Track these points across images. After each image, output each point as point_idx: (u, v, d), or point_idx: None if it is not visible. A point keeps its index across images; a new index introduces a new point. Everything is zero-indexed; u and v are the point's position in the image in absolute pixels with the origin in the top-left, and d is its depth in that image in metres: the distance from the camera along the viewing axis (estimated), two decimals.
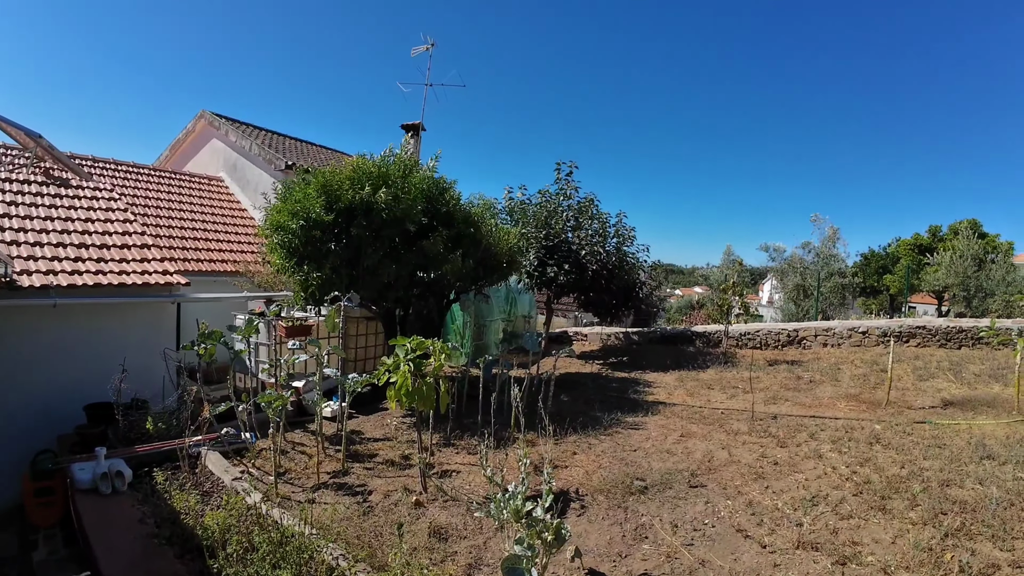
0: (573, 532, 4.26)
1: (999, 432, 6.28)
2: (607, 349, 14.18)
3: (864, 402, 7.75)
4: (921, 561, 3.55)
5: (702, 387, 9.04)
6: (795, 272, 19.09)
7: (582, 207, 12.22)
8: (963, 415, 7.00)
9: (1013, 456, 5.38)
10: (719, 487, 4.89)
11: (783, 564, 3.62)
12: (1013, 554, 3.65)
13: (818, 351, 12.24)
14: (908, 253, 31.35)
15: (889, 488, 4.66)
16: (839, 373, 9.66)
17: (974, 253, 18.43)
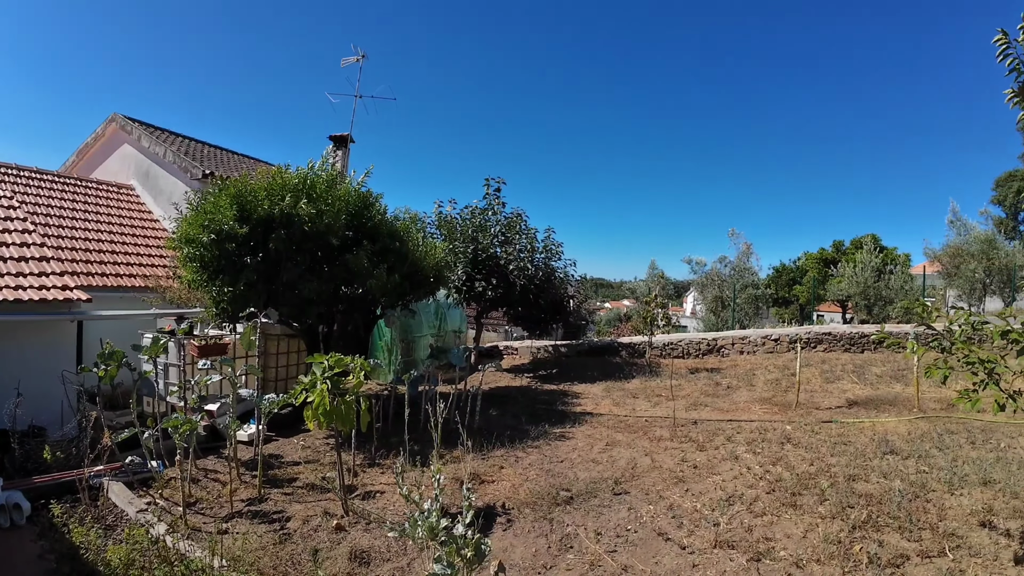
0: (499, 546, 4.23)
1: (901, 429, 6.76)
2: (537, 362, 14.29)
3: (777, 405, 8.16)
4: (831, 554, 3.74)
5: (628, 396, 9.24)
6: (714, 285, 19.99)
7: (510, 222, 12.36)
8: (867, 414, 7.50)
9: (915, 451, 5.79)
10: (642, 493, 4.99)
11: (701, 564, 3.71)
12: (920, 544, 3.86)
13: (735, 358, 12.81)
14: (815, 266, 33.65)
15: (799, 485, 4.91)
16: (754, 378, 10.14)
17: (874, 265, 19.92)
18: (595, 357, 14.07)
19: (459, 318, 14.21)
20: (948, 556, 3.67)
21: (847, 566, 3.56)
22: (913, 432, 6.42)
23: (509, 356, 15.47)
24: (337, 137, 13.28)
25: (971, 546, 3.80)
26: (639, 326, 16.68)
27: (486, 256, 11.63)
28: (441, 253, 8.86)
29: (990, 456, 5.57)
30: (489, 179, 12.66)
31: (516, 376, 12.19)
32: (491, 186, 12.65)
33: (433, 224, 12.35)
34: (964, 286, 19.61)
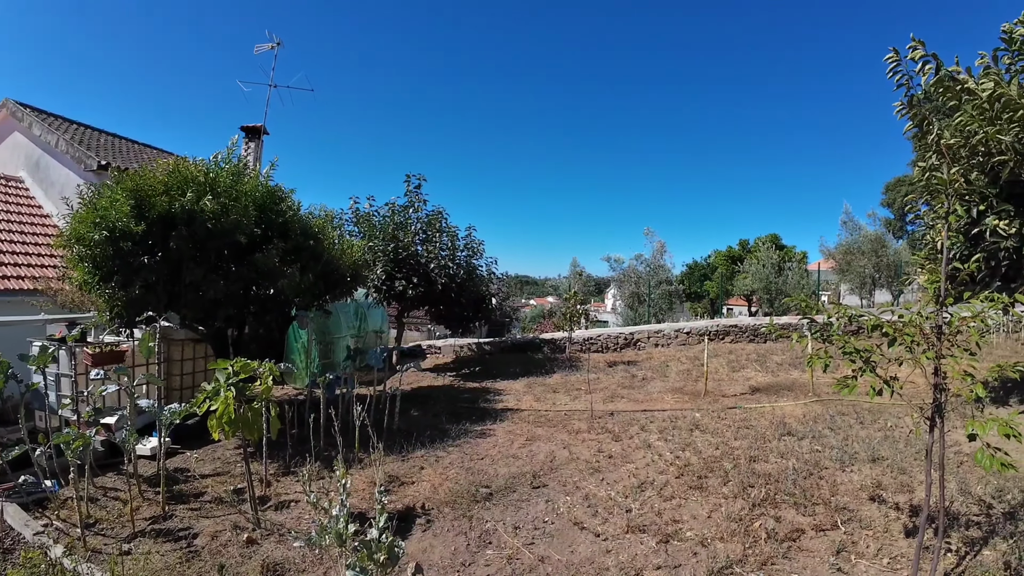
0: (418, 547, 4.19)
1: (797, 412, 7.25)
2: (460, 360, 14.25)
3: (687, 394, 8.55)
4: (733, 531, 3.96)
5: (548, 391, 9.39)
6: (630, 281, 20.74)
7: (431, 220, 12.26)
8: (768, 399, 7.99)
9: (809, 431, 6.23)
10: (559, 485, 5.08)
11: (614, 549, 3.83)
12: (814, 518, 4.16)
13: (651, 351, 13.31)
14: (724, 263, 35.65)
15: (706, 468, 5.17)
16: (667, 370, 10.58)
17: (775, 262, 21.56)
18: (518, 354, 14.20)
19: (380, 318, 13.94)
20: (840, 529, 3.98)
21: (747, 542, 3.79)
22: (808, 415, 6.92)
23: (432, 355, 15.34)
24: (250, 128, 12.67)
25: (862, 519, 4.13)
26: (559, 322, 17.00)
27: (407, 254, 11.48)
28: (359, 251, 8.65)
29: (878, 435, 6.08)
30: (410, 175, 12.52)
31: (439, 375, 12.11)
32: (411, 183, 12.50)
33: (351, 221, 12.05)
34: (855, 281, 21.44)
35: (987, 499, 4.54)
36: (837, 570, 3.45)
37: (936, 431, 2.92)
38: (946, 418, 6.73)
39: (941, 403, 2.86)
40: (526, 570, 3.71)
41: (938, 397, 2.85)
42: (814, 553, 3.66)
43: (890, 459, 5.22)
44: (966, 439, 2.69)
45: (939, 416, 2.89)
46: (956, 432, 6.50)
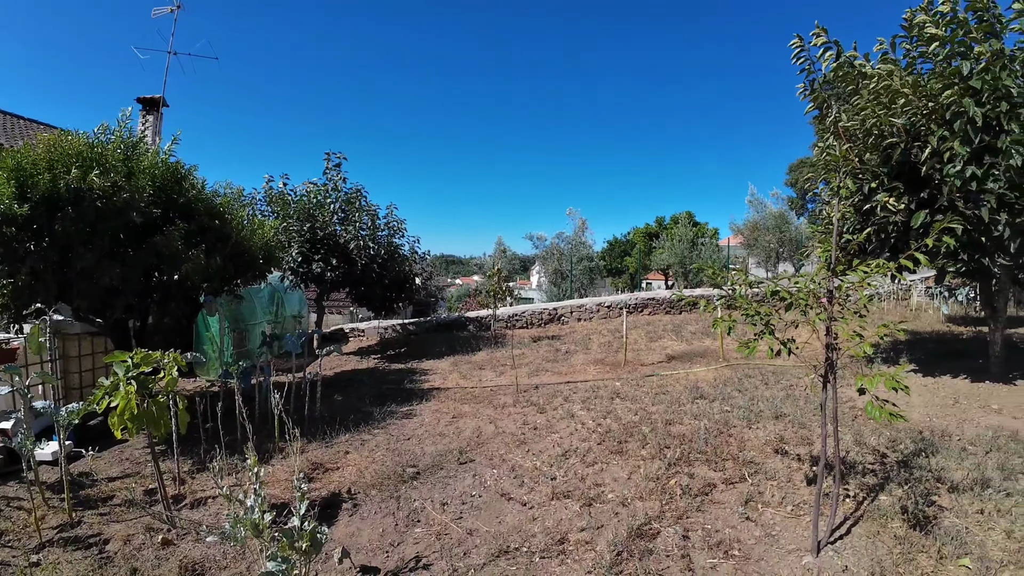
0: (345, 532, 4.12)
1: (709, 376, 7.66)
2: (385, 342, 14.03)
3: (608, 364, 8.84)
4: (651, 490, 4.15)
5: (474, 369, 9.43)
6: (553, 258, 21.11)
7: (350, 199, 11.87)
8: (683, 366, 8.40)
9: (719, 394, 6.60)
10: (486, 459, 5.14)
11: (540, 516, 3.93)
12: (724, 473, 4.45)
13: (574, 325, 13.63)
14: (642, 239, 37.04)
15: (625, 433, 5.38)
16: (589, 342, 10.88)
17: (689, 238, 22.79)
18: (444, 333, 14.16)
19: (298, 302, 13.46)
20: (748, 481, 4.26)
21: (664, 499, 3.99)
22: (719, 378, 7.34)
23: (356, 338, 15.01)
24: (147, 100, 11.74)
25: (767, 471, 4.44)
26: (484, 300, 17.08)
27: (325, 234, 11.09)
28: (271, 232, 8.26)
29: (781, 394, 6.53)
30: (330, 153, 12.04)
31: (363, 358, 11.88)
32: (331, 161, 12.04)
33: (264, 201, 11.48)
34: (761, 255, 22.97)
35: (881, 449, 4.99)
36: (746, 519, 3.71)
37: (829, 387, 3.16)
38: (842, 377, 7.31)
39: (833, 361, 3.09)
40: (454, 544, 3.74)
41: (830, 356, 3.08)
42: (725, 504, 3.91)
43: (791, 415, 5.63)
44: (861, 395, 2.93)
45: (831, 373, 3.12)
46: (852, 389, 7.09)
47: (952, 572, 3.13)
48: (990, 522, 3.67)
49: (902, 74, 6.72)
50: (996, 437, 5.21)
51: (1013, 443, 5.05)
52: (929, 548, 3.33)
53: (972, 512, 3.80)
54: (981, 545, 3.39)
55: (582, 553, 3.41)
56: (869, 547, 3.35)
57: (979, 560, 3.20)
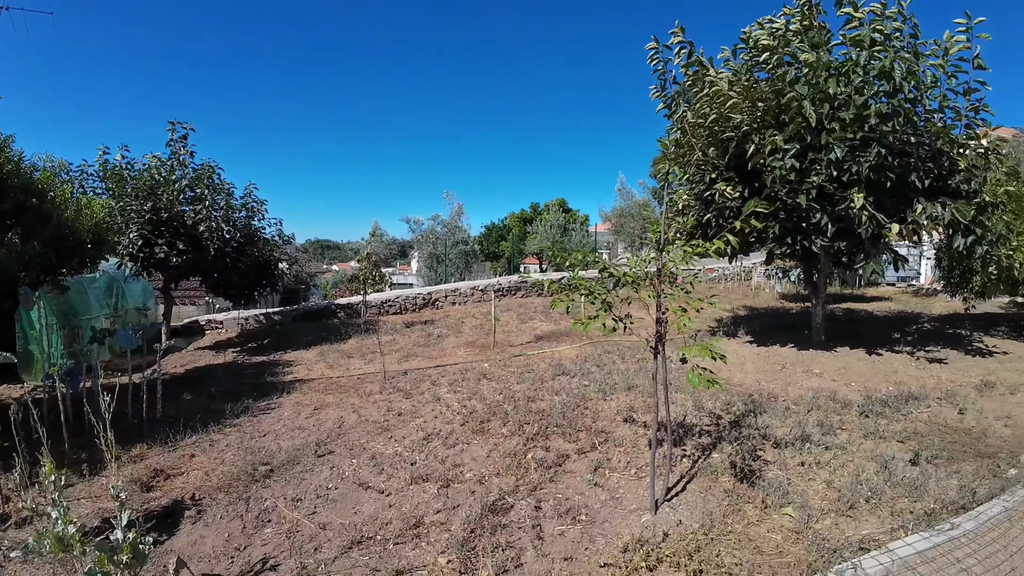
0: (187, 541, 3.79)
1: (572, 354, 7.96)
2: (246, 334, 13.12)
3: (479, 347, 8.92)
4: (508, 466, 4.23)
5: (342, 357, 9.09)
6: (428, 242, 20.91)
7: (200, 175, 10.76)
8: (549, 345, 8.67)
9: (580, 370, 6.88)
10: (346, 449, 4.96)
11: (397, 502, 3.86)
12: (578, 444, 4.65)
13: (448, 310, 13.60)
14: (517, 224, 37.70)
15: (489, 413, 5.45)
16: (462, 326, 10.91)
17: (561, 223, 23.79)
18: (312, 322, 13.52)
19: (142, 293, 12.16)
20: (599, 450, 4.48)
21: (520, 473, 4.09)
22: (580, 355, 7.66)
23: (213, 331, 13.90)
24: None
25: (616, 439, 4.69)
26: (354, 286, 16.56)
27: (169, 215, 10.00)
28: (101, 211, 7.35)
29: (635, 367, 6.93)
30: (175, 123, 10.77)
31: (220, 352, 11.01)
32: (177, 131, 10.82)
33: (98, 176, 10.12)
34: (627, 240, 24.57)
35: (717, 412, 5.45)
36: (594, 484, 3.90)
37: (660, 357, 3.37)
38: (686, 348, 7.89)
39: (662, 334, 3.30)
40: (306, 540, 3.57)
41: (660, 329, 3.29)
42: (576, 473, 4.09)
43: (641, 386, 6.01)
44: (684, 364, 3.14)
45: (661, 345, 3.33)
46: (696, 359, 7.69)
47: (776, 520, 3.48)
48: (811, 473, 4.14)
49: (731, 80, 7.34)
50: (816, 398, 5.90)
51: (831, 402, 5.75)
52: (755, 499, 3.68)
53: (794, 465, 4.27)
54: (803, 494, 3.80)
55: (437, 534, 3.39)
56: (701, 501, 3.65)
57: (801, 508, 3.58)
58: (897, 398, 5.84)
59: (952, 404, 5.73)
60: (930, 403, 5.80)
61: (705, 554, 3.02)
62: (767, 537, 3.27)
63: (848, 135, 6.58)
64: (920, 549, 3.19)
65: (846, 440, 4.76)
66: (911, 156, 6.78)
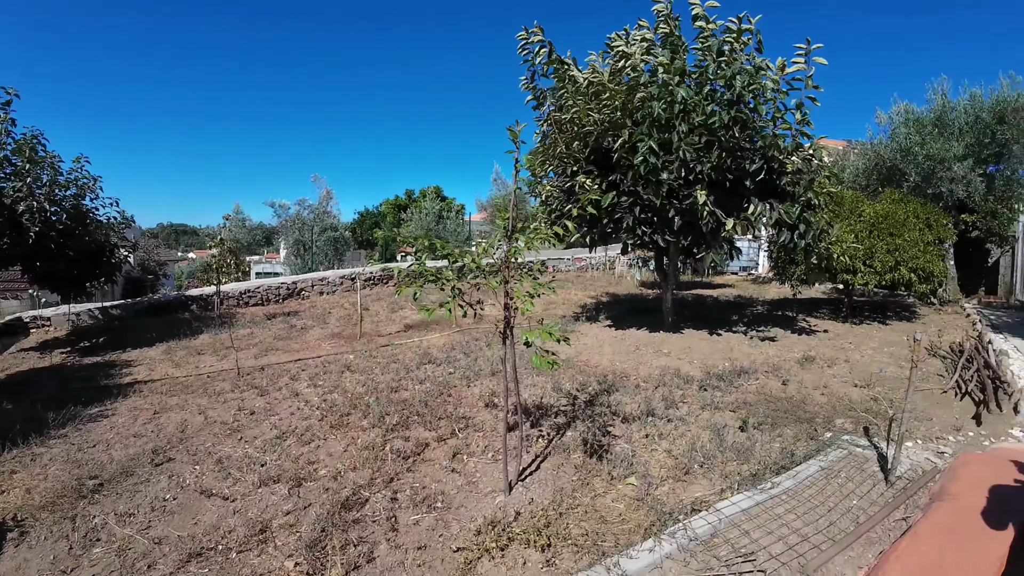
0: (10, 566, 3.34)
1: (441, 342, 7.96)
2: (80, 332, 11.66)
3: (345, 338, 8.65)
4: (365, 459, 4.15)
5: (192, 355, 8.39)
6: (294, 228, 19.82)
7: (20, 147, 9.26)
8: (419, 334, 8.61)
9: (447, 358, 6.90)
10: (189, 455, 4.60)
11: (243, 508, 3.65)
12: (438, 432, 4.67)
13: (315, 300, 13.03)
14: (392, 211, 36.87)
15: (350, 406, 5.31)
16: (329, 317, 10.52)
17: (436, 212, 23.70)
18: (160, 316, 12.31)
19: None
20: (459, 436, 4.54)
21: (377, 466, 4.03)
22: (449, 343, 7.69)
23: (40, 329, 12.20)
24: None
25: (477, 424, 4.78)
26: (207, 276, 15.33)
27: None
28: None
29: (500, 354, 7.05)
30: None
31: (46, 354, 9.70)
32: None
33: None
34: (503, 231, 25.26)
35: (574, 392, 5.72)
36: (452, 471, 3.95)
37: (509, 342, 3.48)
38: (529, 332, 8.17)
39: (510, 319, 3.40)
40: (139, 557, 3.28)
41: (508, 315, 3.38)
42: (434, 461, 4.12)
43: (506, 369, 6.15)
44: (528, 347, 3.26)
45: (509, 330, 3.44)
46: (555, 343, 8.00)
47: (621, 490, 3.74)
48: (653, 444, 4.48)
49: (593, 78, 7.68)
50: (663, 375, 6.39)
51: (676, 379, 6.26)
52: (602, 472, 3.93)
53: (639, 438, 4.59)
54: (646, 464, 4.11)
55: (285, 538, 3.25)
56: (553, 478, 3.83)
57: (643, 477, 3.86)
58: (732, 372, 6.49)
59: (778, 376, 6.47)
60: (759, 376, 6.50)
61: (554, 529, 3.18)
62: (611, 507, 3.50)
63: (695, 138, 7.13)
64: (744, 508, 3.51)
65: (686, 412, 5.21)
66: (747, 160, 7.49)
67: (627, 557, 2.89)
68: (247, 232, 27.53)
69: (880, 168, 14.55)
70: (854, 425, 5.05)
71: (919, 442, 4.73)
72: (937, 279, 10.13)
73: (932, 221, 10.58)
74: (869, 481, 3.95)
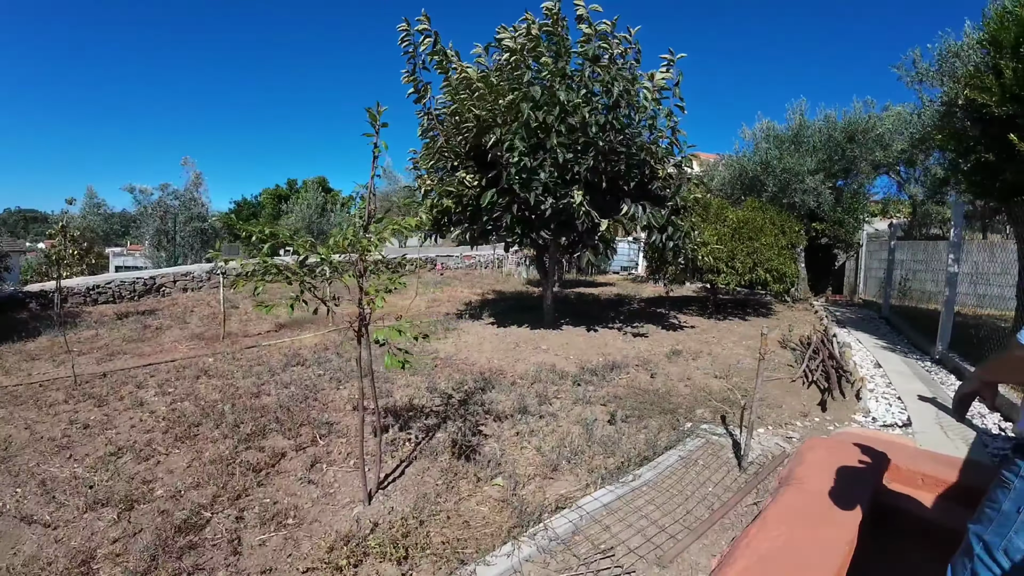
0: None
1: (314, 342, 7.56)
2: None
3: (207, 339, 7.98)
4: (212, 474, 3.78)
5: (25, 360, 7.35)
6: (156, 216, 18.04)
7: None
8: (291, 333, 8.12)
9: (317, 359, 6.54)
10: (10, 477, 3.97)
11: (66, 536, 3.20)
12: (298, 439, 4.36)
13: (178, 297, 11.97)
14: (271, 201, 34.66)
15: (202, 415, 4.86)
16: (191, 316, 9.69)
17: (319, 204, 22.67)
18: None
19: None
20: (320, 443, 4.28)
21: (223, 481, 3.69)
22: (322, 343, 7.33)
23: None
24: None
25: (341, 430, 4.54)
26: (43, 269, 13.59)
27: None
28: None
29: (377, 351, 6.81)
30: None
31: None
32: None
33: None
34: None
35: (449, 391, 5.63)
36: (308, 482, 3.70)
37: (364, 340, 3.33)
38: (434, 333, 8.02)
39: (365, 315, 3.25)
40: None
41: (362, 311, 3.23)
42: (290, 473, 3.84)
43: (379, 370, 5.94)
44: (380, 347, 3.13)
45: (365, 328, 3.29)
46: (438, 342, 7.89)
47: (487, 492, 3.68)
48: (524, 442, 4.48)
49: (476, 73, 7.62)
50: (539, 371, 6.47)
51: (552, 374, 6.35)
52: (469, 474, 3.86)
53: (510, 436, 4.58)
54: (514, 463, 4.08)
55: (110, 569, 2.88)
56: (417, 484, 3.71)
57: (510, 477, 3.83)
58: (605, 367, 6.71)
59: (647, 370, 6.77)
60: (630, 370, 6.77)
61: (413, 539, 3.06)
62: (476, 510, 3.45)
63: (571, 140, 7.28)
64: (606, 502, 3.54)
65: (559, 407, 5.29)
66: (622, 164, 7.76)
67: (484, 564, 2.84)
68: (103, 220, 24.72)
69: (744, 178, 15.87)
70: (713, 414, 5.34)
71: (770, 428, 5.07)
72: (790, 279, 11.14)
73: (786, 228, 11.63)
74: (724, 468, 4.15)
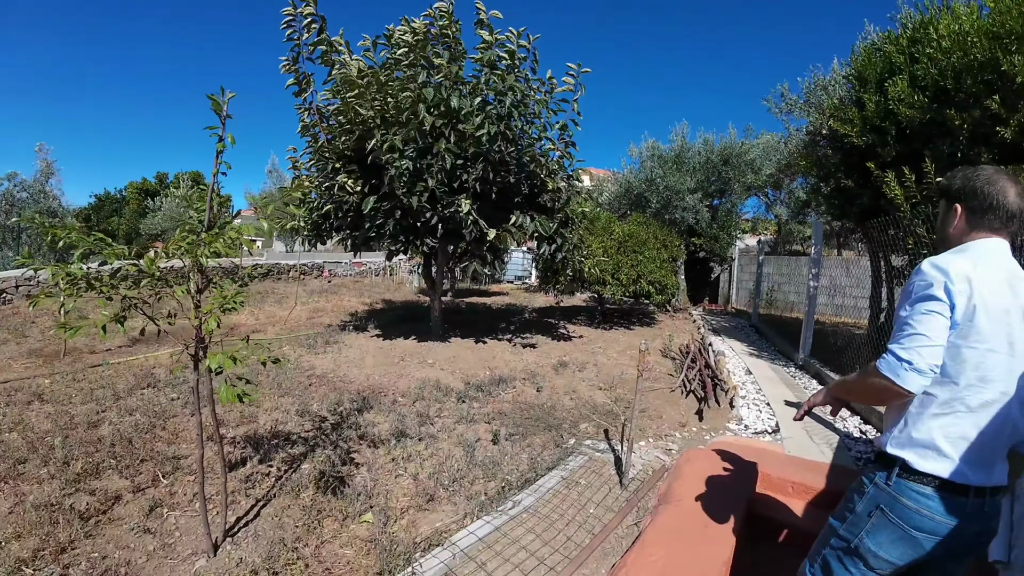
0: None
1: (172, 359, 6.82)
2: None
3: (46, 355, 6.99)
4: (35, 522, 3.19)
5: None
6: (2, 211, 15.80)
7: None
8: (149, 349, 7.30)
9: (174, 380, 5.89)
10: None
11: None
12: (137, 479, 3.80)
13: (19, 304, 10.50)
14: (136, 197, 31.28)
15: (29, 450, 4.17)
16: (32, 328, 8.50)
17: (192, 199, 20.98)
18: None
19: None
20: (163, 482, 3.79)
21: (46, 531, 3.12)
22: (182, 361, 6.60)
23: None
24: None
25: (189, 466, 4.02)
26: None
27: None
28: None
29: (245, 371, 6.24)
30: None
31: None
32: None
33: None
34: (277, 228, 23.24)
35: (324, 414, 5.25)
36: (144, 531, 3.24)
37: (200, 365, 2.98)
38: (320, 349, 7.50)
39: (202, 334, 2.92)
40: None
41: (200, 328, 2.90)
42: (125, 520, 3.34)
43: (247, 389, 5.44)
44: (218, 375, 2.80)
45: (202, 349, 2.96)
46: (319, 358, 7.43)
47: (354, 531, 3.37)
48: (400, 469, 4.20)
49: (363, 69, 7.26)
50: (423, 388, 6.20)
51: (436, 391, 6.11)
52: (336, 511, 3.55)
53: (385, 463, 4.29)
54: (388, 495, 3.79)
55: None
56: (275, 527, 3.35)
57: (381, 512, 3.54)
58: (491, 382, 6.56)
59: (534, 383, 6.68)
60: (516, 384, 6.67)
61: None
62: (339, 554, 3.17)
63: (462, 148, 7.11)
64: (482, 535, 3.30)
65: (440, 428, 5.06)
66: (512, 175, 7.70)
67: None
68: None
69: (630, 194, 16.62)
70: (596, 429, 5.26)
71: (651, 440, 5.06)
72: (671, 291, 11.68)
73: (668, 242, 12.21)
74: (606, 487, 4.03)
